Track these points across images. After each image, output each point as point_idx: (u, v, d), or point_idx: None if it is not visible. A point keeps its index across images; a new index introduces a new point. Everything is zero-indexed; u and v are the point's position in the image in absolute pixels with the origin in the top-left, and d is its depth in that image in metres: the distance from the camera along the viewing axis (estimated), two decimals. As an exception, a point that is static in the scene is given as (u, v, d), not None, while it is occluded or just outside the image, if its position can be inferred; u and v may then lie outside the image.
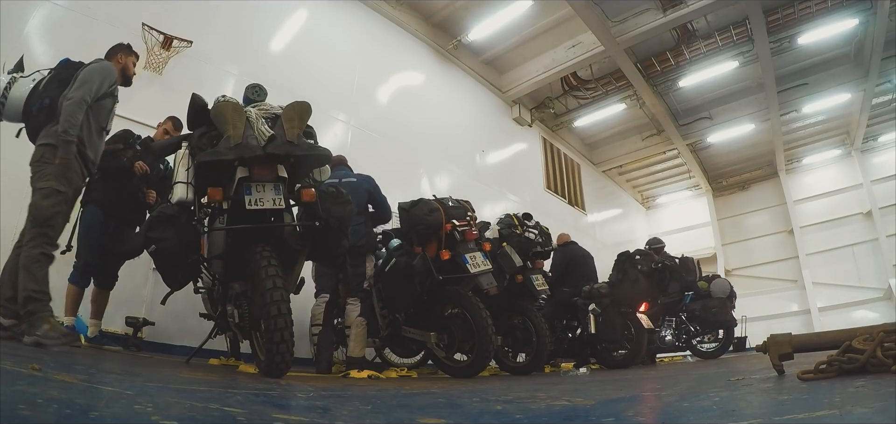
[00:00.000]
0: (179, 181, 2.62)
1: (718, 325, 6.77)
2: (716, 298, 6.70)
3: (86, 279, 3.60)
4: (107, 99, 3.01)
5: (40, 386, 1.19)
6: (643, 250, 5.03)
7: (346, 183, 3.96)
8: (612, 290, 4.90)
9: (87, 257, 3.54)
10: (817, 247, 12.95)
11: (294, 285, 2.85)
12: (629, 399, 1.77)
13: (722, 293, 6.72)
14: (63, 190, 2.76)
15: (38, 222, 2.69)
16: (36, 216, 2.70)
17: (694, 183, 14.94)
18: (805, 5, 8.05)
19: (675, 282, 6.39)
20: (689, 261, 7.11)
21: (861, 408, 1.12)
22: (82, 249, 3.53)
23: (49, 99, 2.86)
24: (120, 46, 3.30)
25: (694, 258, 7.37)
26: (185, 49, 5.05)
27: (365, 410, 1.44)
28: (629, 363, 5.07)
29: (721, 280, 6.93)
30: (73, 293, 3.56)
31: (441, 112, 8.37)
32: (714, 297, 6.72)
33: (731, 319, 6.73)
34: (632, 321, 5.07)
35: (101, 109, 2.99)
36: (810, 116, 11.53)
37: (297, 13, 6.45)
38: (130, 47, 3.37)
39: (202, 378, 2.16)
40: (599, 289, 4.97)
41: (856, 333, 1.86)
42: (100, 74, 2.95)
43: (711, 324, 6.75)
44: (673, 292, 6.51)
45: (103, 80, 2.96)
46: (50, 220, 2.70)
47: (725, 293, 6.74)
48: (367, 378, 3.27)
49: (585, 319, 4.92)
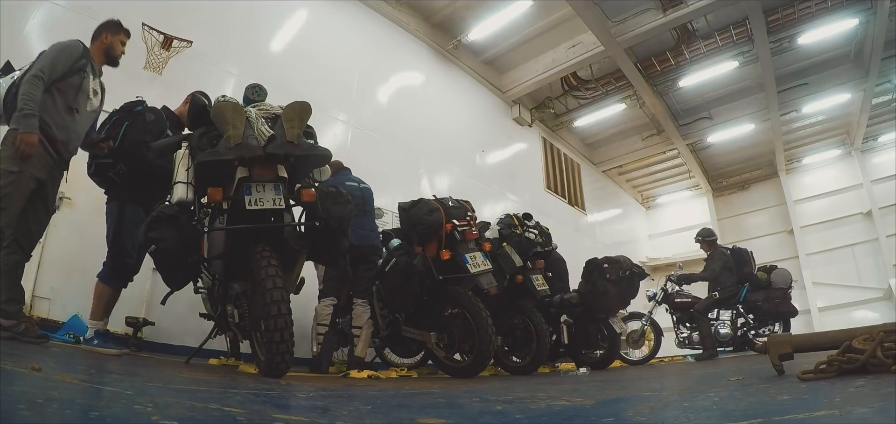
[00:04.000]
0: (179, 181, 2.62)
1: (780, 316, 6.44)
2: (777, 288, 6.41)
3: (123, 281, 3.38)
4: (72, 77, 2.89)
5: (40, 386, 1.19)
6: (611, 258, 4.92)
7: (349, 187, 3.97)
8: (583, 300, 4.91)
9: (128, 259, 3.31)
10: (817, 247, 12.95)
11: (294, 285, 2.84)
12: (629, 399, 1.77)
13: (784, 284, 6.42)
14: (14, 170, 2.63)
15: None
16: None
17: (694, 183, 14.93)
18: (805, 5, 8.05)
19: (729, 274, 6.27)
20: (744, 252, 6.68)
21: (861, 408, 1.12)
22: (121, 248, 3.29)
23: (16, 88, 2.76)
24: (106, 24, 3.19)
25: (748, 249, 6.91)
26: (185, 49, 5.04)
27: (365, 410, 1.44)
28: (606, 364, 5.13)
29: (781, 270, 6.58)
30: (106, 294, 3.30)
31: (441, 112, 8.37)
32: (775, 287, 6.42)
33: (793, 309, 6.43)
34: (605, 326, 5.11)
35: (67, 88, 2.87)
36: (810, 116, 11.53)
37: (297, 13, 6.45)
38: (119, 25, 3.24)
39: (202, 378, 2.16)
40: (570, 300, 4.99)
41: (856, 333, 1.86)
42: (57, 49, 2.85)
43: (773, 315, 6.41)
44: (729, 285, 6.31)
45: (60, 55, 2.85)
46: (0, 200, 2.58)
47: (787, 283, 6.45)
48: (367, 378, 3.27)
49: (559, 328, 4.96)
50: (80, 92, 2.95)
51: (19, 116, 2.63)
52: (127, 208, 3.32)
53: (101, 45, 3.15)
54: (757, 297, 6.50)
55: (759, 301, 6.48)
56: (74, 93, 2.92)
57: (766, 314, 6.44)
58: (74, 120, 2.94)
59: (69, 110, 2.90)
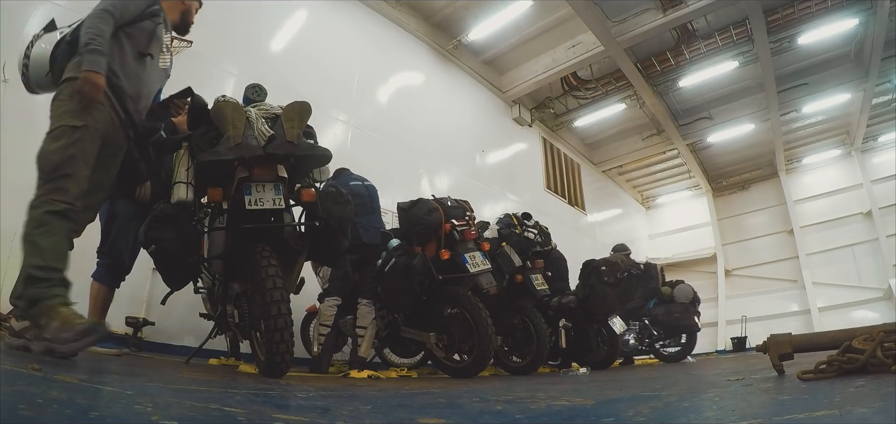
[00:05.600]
0: (179, 181, 2.61)
1: (681, 330, 6.85)
2: (679, 303, 6.80)
3: (117, 279, 3.10)
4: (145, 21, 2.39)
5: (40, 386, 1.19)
6: (609, 260, 4.99)
7: (354, 186, 3.98)
8: (582, 304, 4.93)
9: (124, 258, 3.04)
10: (817, 247, 12.94)
11: (294, 285, 2.84)
12: (629, 399, 1.77)
13: (685, 299, 6.82)
14: (78, 125, 2.06)
15: (45, 172, 2.01)
16: (42, 167, 2.02)
17: (694, 183, 14.94)
18: (805, 5, 8.05)
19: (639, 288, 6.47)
20: (653, 268, 7.21)
21: (861, 408, 1.12)
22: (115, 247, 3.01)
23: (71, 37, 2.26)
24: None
25: (658, 265, 7.50)
26: (185, 49, 5.04)
27: (365, 410, 1.44)
28: (607, 365, 5.18)
29: (684, 286, 7.00)
30: (102, 294, 3.01)
31: (441, 112, 8.37)
32: (677, 302, 6.81)
33: (693, 324, 6.80)
34: (605, 328, 5.14)
35: (139, 33, 2.36)
36: (810, 116, 11.52)
37: (297, 13, 6.45)
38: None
39: (202, 378, 2.16)
40: (568, 304, 4.99)
41: (856, 333, 1.86)
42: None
43: (674, 329, 6.83)
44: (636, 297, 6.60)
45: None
46: (61, 166, 2.00)
47: (688, 299, 6.83)
48: (367, 378, 3.27)
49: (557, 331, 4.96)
50: (154, 39, 2.46)
51: (84, 51, 2.09)
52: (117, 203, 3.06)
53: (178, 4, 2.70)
54: (659, 311, 6.91)
55: (660, 315, 6.90)
56: (147, 38, 2.41)
57: (668, 326, 6.81)
58: (145, 70, 2.42)
59: (140, 58, 2.38)
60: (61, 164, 2.00)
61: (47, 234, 1.86)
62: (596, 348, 5.11)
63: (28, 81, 2.36)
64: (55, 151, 2.01)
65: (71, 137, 2.04)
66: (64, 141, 2.02)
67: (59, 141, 2.03)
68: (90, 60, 2.07)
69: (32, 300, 1.77)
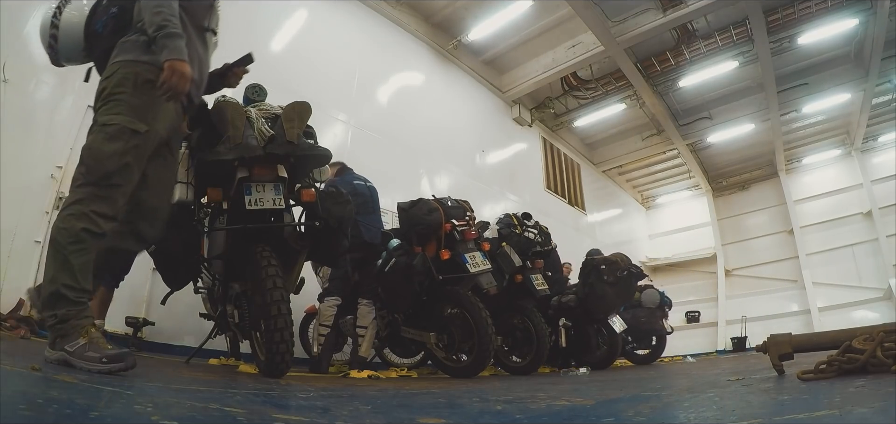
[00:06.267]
0: (179, 181, 2.61)
1: (649, 334, 6.91)
2: (645, 308, 6.84)
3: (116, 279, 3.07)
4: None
5: (40, 386, 1.19)
6: (609, 259, 5.00)
7: (357, 185, 3.97)
8: (582, 304, 4.94)
9: None
10: (817, 247, 12.94)
11: (294, 285, 2.84)
12: (629, 399, 1.77)
13: (651, 304, 6.86)
14: (141, 130, 1.80)
15: (92, 173, 1.74)
16: (90, 166, 1.75)
17: (694, 183, 14.94)
18: (805, 5, 8.05)
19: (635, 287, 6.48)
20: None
21: (861, 408, 1.12)
22: None
23: (117, 7, 1.95)
24: None
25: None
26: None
27: (365, 410, 1.44)
28: (608, 363, 5.20)
29: (651, 291, 7.03)
30: (101, 294, 2.97)
31: (441, 112, 8.37)
32: (643, 307, 6.84)
33: (661, 327, 6.85)
34: (605, 327, 5.16)
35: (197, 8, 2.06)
36: (810, 116, 11.52)
37: (297, 13, 6.44)
38: None
39: (202, 378, 2.16)
40: (568, 303, 5.01)
41: (856, 333, 1.87)
42: None
43: (643, 333, 6.87)
44: None
45: None
46: (112, 175, 1.74)
47: (654, 304, 6.87)
48: (367, 378, 3.27)
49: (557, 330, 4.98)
50: (213, 12, 2.19)
51: (162, 36, 1.78)
52: None
53: None
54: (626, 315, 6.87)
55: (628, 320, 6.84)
56: (206, 11, 2.13)
57: (636, 331, 6.82)
58: (207, 49, 2.15)
59: (201, 33, 2.09)
60: (114, 173, 1.75)
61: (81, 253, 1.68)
62: (596, 347, 5.12)
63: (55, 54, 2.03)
64: (110, 156, 1.74)
65: (129, 142, 1.77)
66: (121, 144, 1.76)
67: (115, 143, 1.75)
68: (174, 47, 1.78)
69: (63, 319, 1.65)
